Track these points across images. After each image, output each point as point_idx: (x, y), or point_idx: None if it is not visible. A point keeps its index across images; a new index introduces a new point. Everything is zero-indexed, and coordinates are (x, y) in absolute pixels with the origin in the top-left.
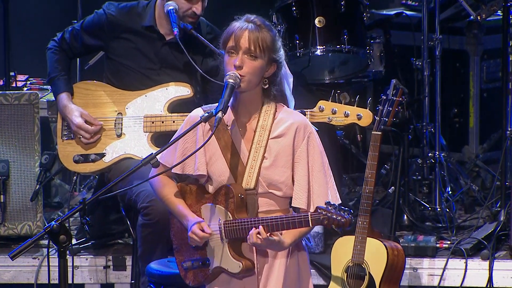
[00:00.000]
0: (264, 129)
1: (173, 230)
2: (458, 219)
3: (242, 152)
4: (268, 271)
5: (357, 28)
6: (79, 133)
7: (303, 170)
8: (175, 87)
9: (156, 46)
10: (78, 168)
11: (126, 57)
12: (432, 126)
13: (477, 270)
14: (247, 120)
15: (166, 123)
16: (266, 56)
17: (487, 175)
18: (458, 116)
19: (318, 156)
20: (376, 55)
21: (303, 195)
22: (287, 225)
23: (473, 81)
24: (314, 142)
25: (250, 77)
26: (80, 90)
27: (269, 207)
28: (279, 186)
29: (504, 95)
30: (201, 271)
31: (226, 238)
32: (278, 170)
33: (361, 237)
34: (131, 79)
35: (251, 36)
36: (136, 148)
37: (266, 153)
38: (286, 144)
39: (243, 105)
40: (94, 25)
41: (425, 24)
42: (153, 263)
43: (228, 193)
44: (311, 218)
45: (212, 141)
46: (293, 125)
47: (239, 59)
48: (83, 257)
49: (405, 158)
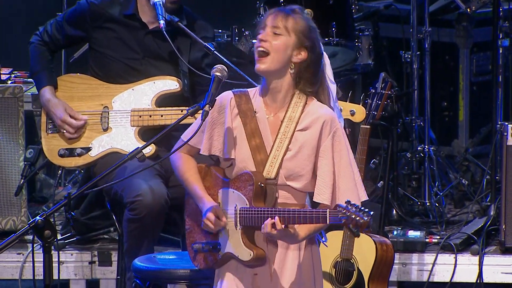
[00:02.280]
0: (291, 120)
1: (188, 211)
2: (448, 213)
3: (266, 140)
4: (282, 263)
5: (346, 21)
6: (63, 127)
7: (328, 165)
8: (163, 81)
9: (139, 35)
10: (63, 162)
11: (108, 47)
12: (422, 120)
13: (467, 265)
14: (276, 109)
15: (153, 117)
16: (294, 36)
17: (477, 169)
18: (448, 110)
19: (344, 152)
20: (365, 48)
21: (327, 191)
22: (304, 219)
23: (462, 74)
24: (340, 138)
25: (274, 56)
26: (64, 83)
27: (286, 200)
28: (299, 179)
29: (494, 88)
30: (211, 255)
31: (240, 225)
32: (300, 162)
33: (349, 232)
34: (115, 69)
35: (280, 15)
36: (123, 142)
37: (290, 145)
38: (311, 138)
39: (271, 93)
40: (77, 15)
41: (414, 17)
42: (139, 259)
43: (248, 180)
44: (329, 215)
45: (239, 126)
46: (320, 118)
47: (264, 33)
48: (68, 253)
49: (394, 152)
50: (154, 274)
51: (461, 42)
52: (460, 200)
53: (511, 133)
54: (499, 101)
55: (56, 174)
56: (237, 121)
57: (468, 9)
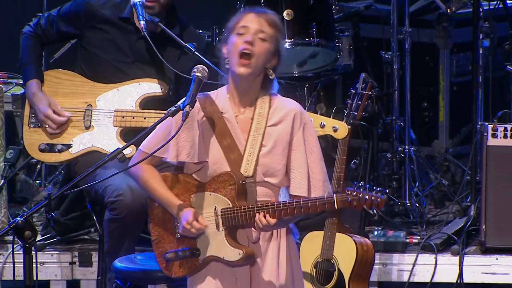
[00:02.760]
0: (261, 116)
1: (153, 221)
2: (428, 214)
3: (238, 139)
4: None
5: (326, 21)
6: (46, 122)
7: (302, 157)
8: (149, 84)
9: (131, 39)
10: (43, 157)
11: (99, 47)
12: (402, 120)
13: (447, 265)
14: (243, 108)
15: (136, 119)
16: (274, 43)
17: (457, 169)
18: (428, 110)
19: (315, 144)
20: (345, 48)
21: (304, 183)
22: (312, 208)
23: (443, 74)
24: (310, 129)
25: (257, 61)
26: (50, 78)
27: (264, 197)
28: (276, 174)
29: (474, 89)
30: (189, 262)
31: (223, 226)
32: (276, 157)
33: (330, 233)
34: (103, 70)
35: (263, 17)
36: (104, 141)
37: (264, 141)
38: (284, 132)
39: (240, 94)
40: (72, 13)
41: (394, 17)
42: (120, 259)
43: (228, 180)
44: (338, 199)
45: (207, 129)
46: (290, 112)
47: (251, 35)
48: (48, 253)
49: (375, 152)
50: (135, 275)
51: (441, 43)
52: (440, 200)
53: (491, 134)
54: (479, 102)
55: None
56: (205, 124)
57: (448, 9)
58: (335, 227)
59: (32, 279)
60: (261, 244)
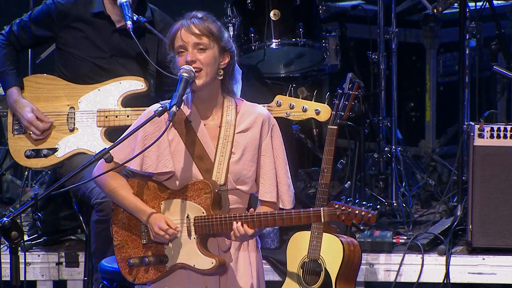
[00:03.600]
0: (229, 124)
1: (116, 226)
2: (415, 214)
3: (208, 147)
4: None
5: (313, 21)
6: (29, 129)
7: (270, 163)
8: (129, 81)
9: (106, 33)
10: (29, 163)
11: (75, 46)
12: (389, 120)
13: (433, 265)
14: (210, 116)
15: (120, 117)
16: (216, 45)
17: (444, 169)
18: (415, 110)
19: (281, 148)
20: (332, 48)
21: (273, 189)
22: (296, 220)
23: (429, 74)
24: (277, 134)
25: (207, 69)
26: (30, 84)
27: (236, 205)
28: (246, 181)
29: (461, 89)
30: (154, 269)
31: (196, 234)
32: (246, 164)
33: (317, 233)
34: (82, 69)
35: (196, 28)
36: (89, 143)
37: (233, 148)
38: (252, 138)
39: (203, 102)
40: (43, 15)
41: (381, 17)
42: (106, 260)
43: (204, 188)
44: (325, 213)
45: (176, 138)
46: (258, 118)
47: (191, 54)
48: (35, 254)
49: (361, 152)
50: (122, 275)
51: (428, 43)
52: (427, 200)
53: (477, 134)
54: (465, 102)
55: (23, 175)
56: (173, 132)
57: (434, 9)
58: (322, 227)
59: (19, 279)
60: (232, 253)
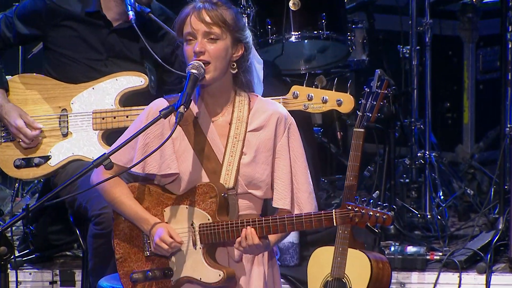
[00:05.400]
0: (240, 121)
1: (118, 238)
2: (451, 227)
3: (216, 147)
4: (247, 280)
5: (337, 12)
6: (18, 136)
7: (286, 166)
8: (127, 77)
9: (102, 33)
10: (20, 174)
11: (67, 47)
12: (422, 123)
13: (472, 285)
14: (219, 112)
15: (118, 118)
16: (229, 36)
17: (484, 177)
18: (451, 111)
19: (299, 150)
20: (358, 42)
21: (288, 194)
22: (307, 224)
23: (467, 71)
24: (295, 134)
25: (216, 64)
26: (17, 85)
27: (247, 210)
28: (260, 185)
29: (503, 87)
30: (159, 283)
31: (201, 244)
32: (259, 167)
33: (341, 248)
34: (75, 72)
35: (207, 16)
36: (85, 148)
37: (244, 148)
38: (266, 138)
39: (213, 97)
40: (30, 12)
41: (413, 7)
42: (106, 278)
43: (209, 191)
44: (337, 215)
45: (181, 136)
46: (273, 116)
47: (199, 44)
48: (26, 271)
49: (391, 158)
50: None
51: (465, 36)
52: (465, 212)
53: None
54: (508, 102)
55: (13, 184)
56: (178, 130)
57: None
58: (347, 241)
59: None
60: (244, 264)
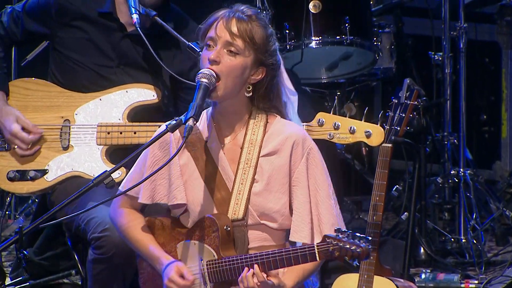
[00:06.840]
0: (253, 144)
1: (143, 277)
2: (488, 252)
3: (225, 174)
4: None
5: (362, 15)
6: (13, 142)
7: (304, 195)
8: (137, 90)
9: (115, 38)
10: (13, 187)
11: (75, 49)
12: (456, 137)
13: None
14: (231, 134)
15: (125, 134)
16: (252, 54)
17: None
18: (488, 124)
19: (321, 177)
20: (386, 48)
21: (305, 227)
22: (288, 261)
23: (506, 80)
24: (316, 160)
25: (226, 81)
26: (17, 89)
27: (262, 242)
28: (274, 216)
29: None
30: None
31: (210, 282)
32: (272, 196)
33: (367, 275)
34: (81, 78)
35: (235, 26)
36: (86, 164)
37: (256, 175)
38: (280, 163)
39: (224, 117)
40: (40, 8)
41: (446, 9)
42: None
43: (211, 225)
44: (318, 250)
45: (189, 162)
46: (289, 139)
47: (216, 52)
48: None
49: (422, 176)
50: None
51: (504, 41)
52: (503, 236)
53: None
54: None
55: (4, 203)
56: (186, 156)
57: None
58: (373, 268)
59: None
60: None
